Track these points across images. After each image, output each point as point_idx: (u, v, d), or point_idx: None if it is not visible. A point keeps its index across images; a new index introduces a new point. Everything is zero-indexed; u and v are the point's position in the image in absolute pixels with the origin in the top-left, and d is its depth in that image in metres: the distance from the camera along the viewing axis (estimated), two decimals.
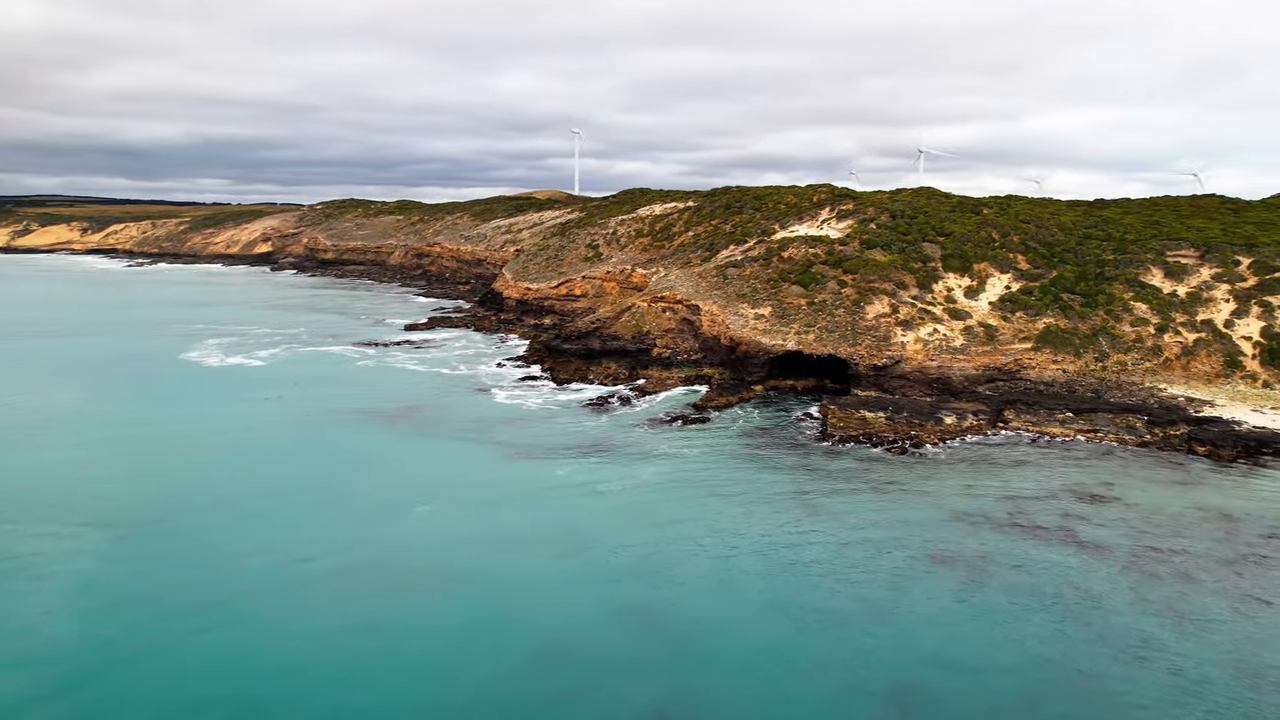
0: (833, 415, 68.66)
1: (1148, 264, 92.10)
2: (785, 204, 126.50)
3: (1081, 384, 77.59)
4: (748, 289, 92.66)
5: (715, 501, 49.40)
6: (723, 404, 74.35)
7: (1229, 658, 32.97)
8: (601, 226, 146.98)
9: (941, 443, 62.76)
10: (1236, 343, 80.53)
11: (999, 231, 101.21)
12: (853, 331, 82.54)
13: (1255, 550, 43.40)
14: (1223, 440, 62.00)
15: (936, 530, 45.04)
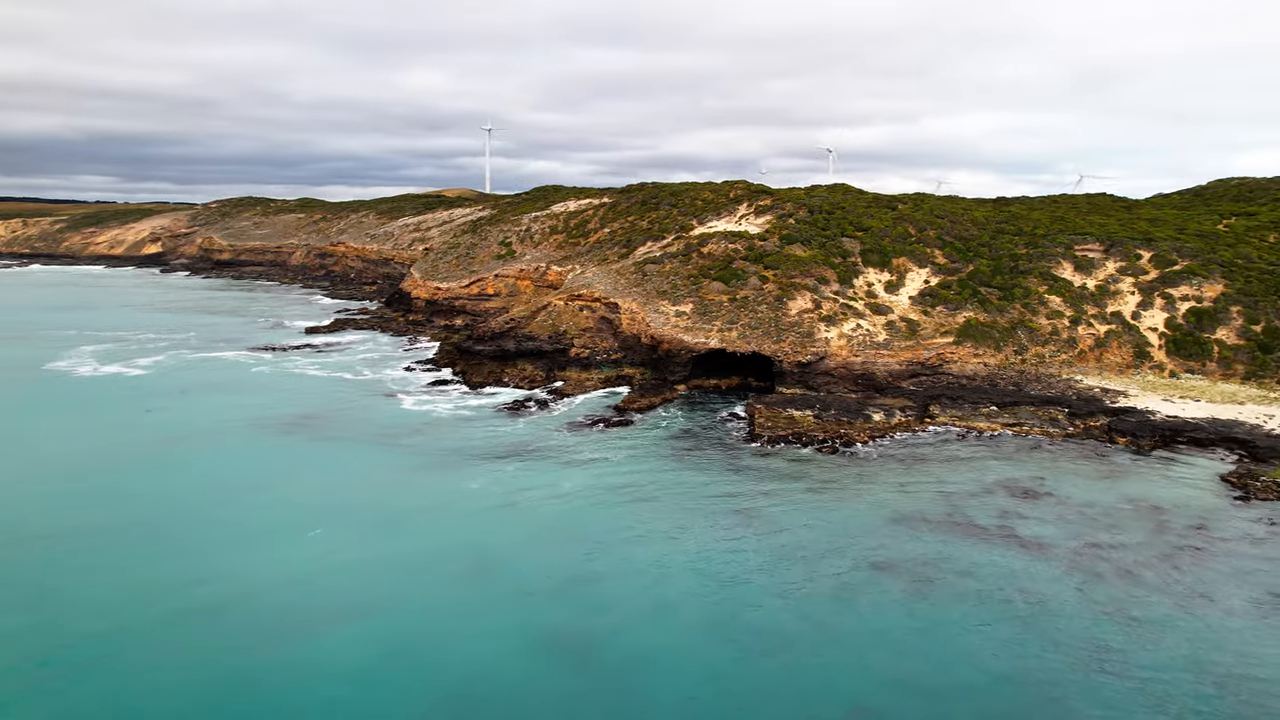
0: (760, 415, 66.28)
1: (1058, 258, 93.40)
2: (702, 200, 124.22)
3: (1003, 377, 77.57)
4: (668, 286, 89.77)
5: (643, 512, 45.99)
6: (645, 405, 71.13)
7: (1185, 661, 31.49)
8: (514, 223, 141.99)
9: (871, 440, 61.04)
10: (1144, 334, 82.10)
11: (915, 227, 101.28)
12: (776, 328, 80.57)
13: (1188, 542, 42.68)
14: (1141, 431, 62.29)
15: (876, 535, 42.77)
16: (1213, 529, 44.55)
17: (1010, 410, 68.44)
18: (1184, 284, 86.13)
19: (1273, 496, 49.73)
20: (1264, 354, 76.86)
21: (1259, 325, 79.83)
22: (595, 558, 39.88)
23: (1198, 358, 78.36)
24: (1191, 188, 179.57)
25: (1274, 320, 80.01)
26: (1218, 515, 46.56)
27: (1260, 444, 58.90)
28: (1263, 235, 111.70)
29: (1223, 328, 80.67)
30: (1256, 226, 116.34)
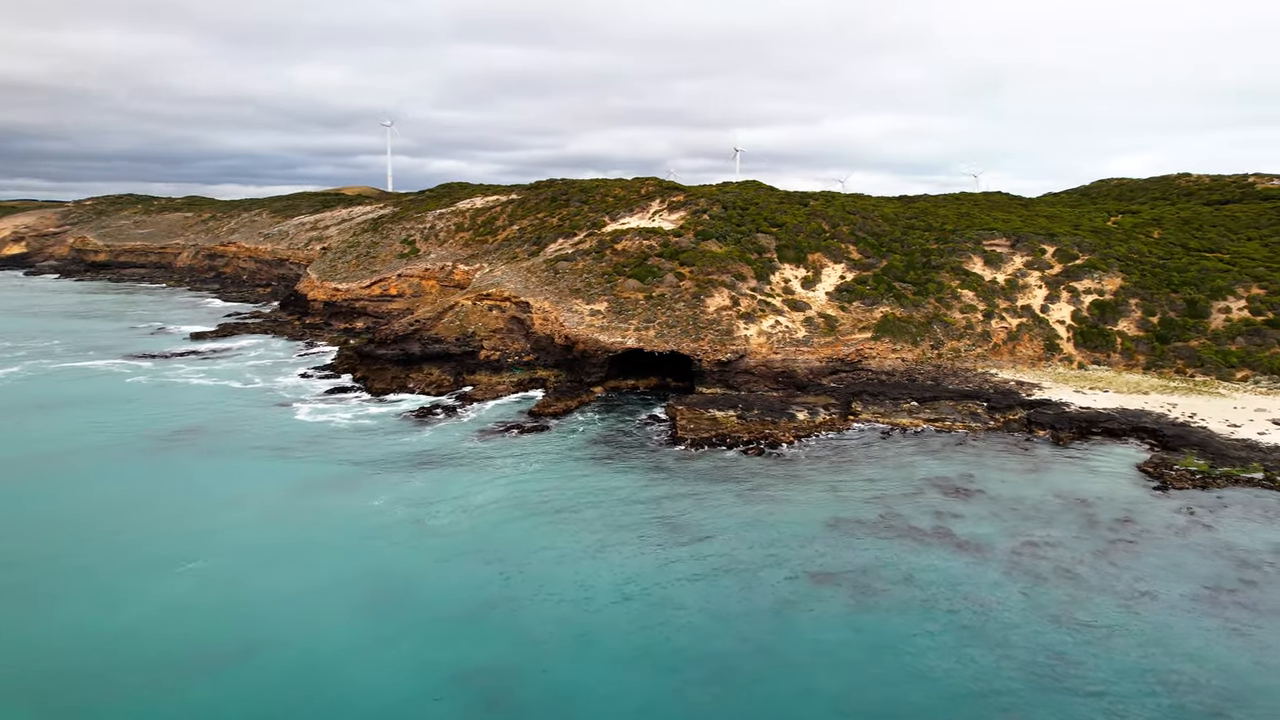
0: (681, 416, 63.65)
1: (968, 252, 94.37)
2: (613, 197, 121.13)
3: (921, 372, 77.33)
4: (581, 284, 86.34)
5: (564, 527, 42.50)
6: (561, 409, 67.51)
7: (1139, 668, 30.18)
8: (418, 221, 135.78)
9: (797, 440, 59.16)
10: (1053, 326, 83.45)
11: (828, 223, 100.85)
12: (694, 326, 78.22)
13: (1118, 536, 42.06)
14: (1059, 423, 62.53)
15: (813, 543, 40.52)
16: (1139, 521, 44.17)
17: (931, 405, 67.90)
18: (1086, 277, 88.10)
19: (1188, 485, 50.05)
20: (1161, 344, 79.03)
21: (1155, 317, 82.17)
22: (511, 580, 36.18)
23: (1103, 349, 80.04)
24: (1077, 187, 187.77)
25: (1168, 312, 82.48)
26: (1141, 507, 46.34)
27: (1167, 433, 59.76)
28: (1148, 231, 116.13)
29: (1124, 320, 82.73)
30: (1141, 223, 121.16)
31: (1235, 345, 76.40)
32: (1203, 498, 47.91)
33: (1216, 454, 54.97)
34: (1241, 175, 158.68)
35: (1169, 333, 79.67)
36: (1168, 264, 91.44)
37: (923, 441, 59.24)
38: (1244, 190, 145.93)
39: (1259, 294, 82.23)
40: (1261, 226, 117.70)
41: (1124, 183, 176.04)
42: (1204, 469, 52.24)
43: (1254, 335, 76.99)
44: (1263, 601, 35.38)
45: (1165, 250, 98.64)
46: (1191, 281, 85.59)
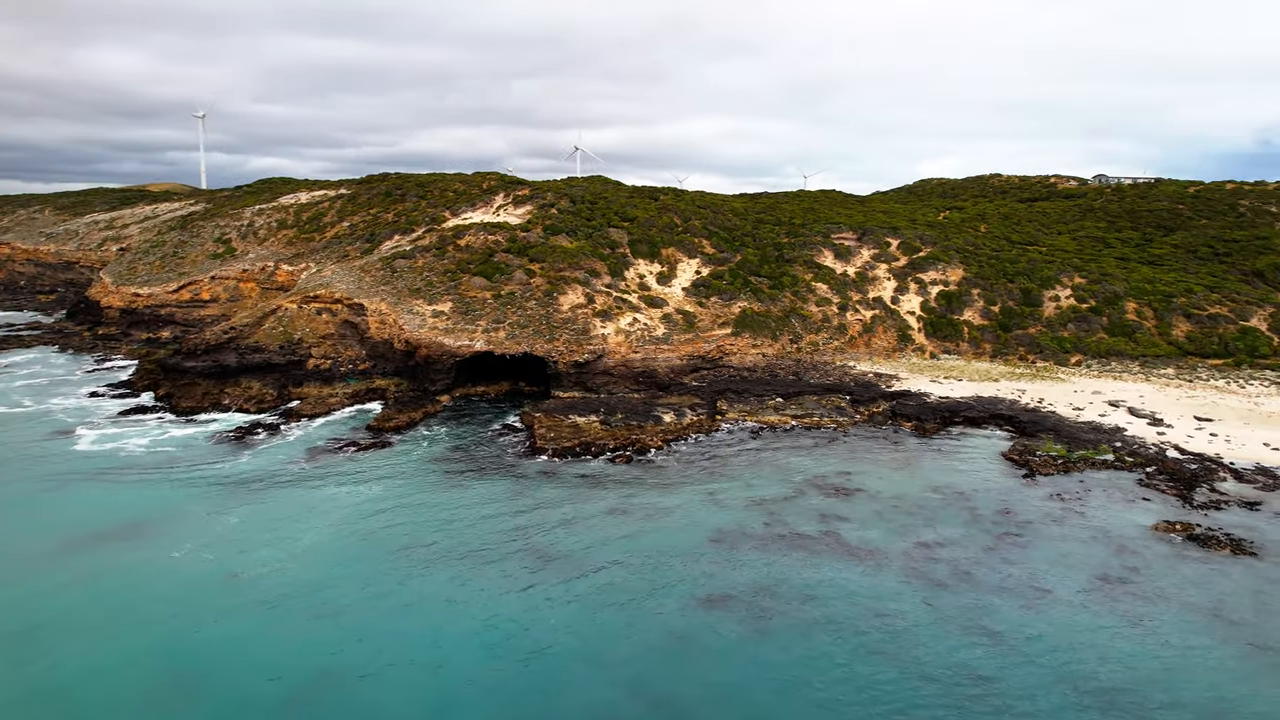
0: (539, 424, 58.33)
1: (818, 246, 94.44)
2: (454, 191, 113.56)
3: (782, 367, 75.80)
4: (422, 283, 78.98)
5: (411, 566, 36.25)
6: (404, 422, 60.37)
7: (1056, 675, 28.07)
8: (235, 218, 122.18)
9: (666, 445, 55.28)
10: (904, 318, 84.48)
11: (680, 217, 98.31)
12: (548, 325, 72.98)
13: (1003, 530, 40.83)
14: (923, 413, 62.16)
15: (698, 561, 36.48)
16: (1017, 511, 43.29)
17: (796, 401, 66.09)
18: (931, 269, 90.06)
19: (1052, 471, 50.20)
20: (1004, 332, 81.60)
21: (996, 306, 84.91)
22: (347, 643, 29.74)
23: (952, 339, 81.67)
24: (903, 186, 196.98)
25: (1007, 301, 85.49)
26: (1015, 497, 45.66)
27: (1022, 418, 60.64)
28: (975, 226, 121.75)
29: (968, 309, 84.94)
30: (968, 218, 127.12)
31: (1067, 331, 79.92)
32: (1067, 483, 47.97)
33: (1069, 438, 55.91)
34: (1044, 176, 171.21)
35: (1010, 321, 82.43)
36: (1000, 255, 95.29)
37: (794, 439, 56.92)
38: (1048, 189, 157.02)
39: (1081, 283, 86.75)
40: (1068, 221, 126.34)
41: (944, 182, 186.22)
42: (1063, 453, 52.76)
43: (1081, 322, 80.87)
44: (1147, 588, 34.62)
45: (996, 243, 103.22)
46: (1024, 272, 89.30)
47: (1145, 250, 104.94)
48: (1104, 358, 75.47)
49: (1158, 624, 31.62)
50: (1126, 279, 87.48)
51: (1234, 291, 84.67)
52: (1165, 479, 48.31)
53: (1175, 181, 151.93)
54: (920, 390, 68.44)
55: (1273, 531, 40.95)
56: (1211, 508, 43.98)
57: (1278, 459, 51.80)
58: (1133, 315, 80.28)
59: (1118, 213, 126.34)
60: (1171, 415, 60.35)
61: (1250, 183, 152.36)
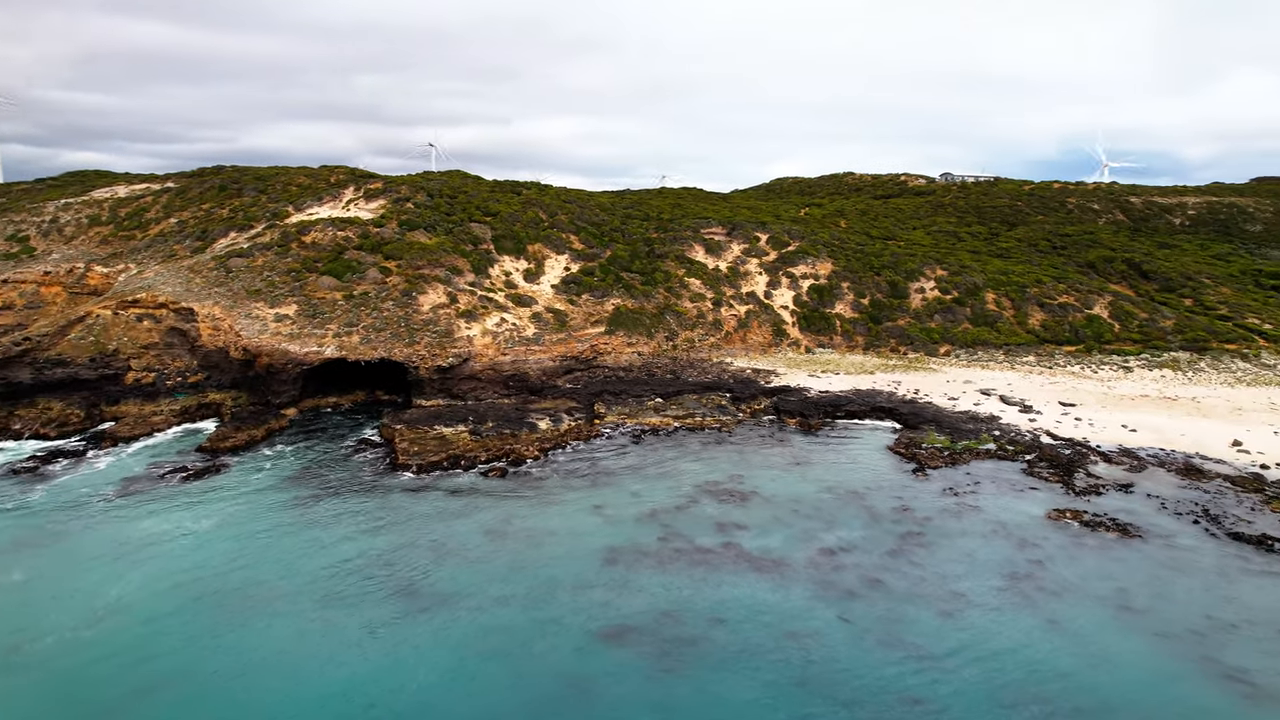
0: (401, 438, 52.58)
1: (689, 240, 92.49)
2: (297, 185, 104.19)
3: (659, 365, 72.93)
4: (262, 284, 70.81)
5: (250, 615, 30.32)
6: (243, 441, 52.96)
7: (986, 689, 26.05)
8: (34, 213, 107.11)
9: (544, 454, 50.90)
10: (778, 312, 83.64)
11: (546, 211, 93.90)
12: (408, 328, 66.91)
13: (905, 530, 39.21)
14: (806, 409, 60.74)
15: (590, 588, 32.47)
16: (915, 508, 41.90)
17: (676, 401, 63.25)
18: (801, 263, 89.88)
19: (940, 464, 49.54)
20: (875, 325, 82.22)
21: (866, 299, 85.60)
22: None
23: (825, 332, 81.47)
24: (761, 184, 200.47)
25: (876, 294, 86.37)
26: (910, 493, 44.39)
27: (902, 410, 60.35)
28: (835, 222, 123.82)
29: (839, 303, 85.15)
30: (828, 214, 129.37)
31: (935, 322, 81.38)
32: (957, 476, 47.29)
33: (950, 428, 55.82)
34: (895, 174, 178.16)
35: (880, 313, 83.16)
36: (865, 250, 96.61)
37: (679, 442, 53.92)
38: (900, 187, 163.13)
39: (943, 275, 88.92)
40: (921, 217, 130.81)
41: (800, 181, 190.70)
42: (947, 444, 52.38)
43: (947, 313, 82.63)
44: (1054, 583, 33.61)
45: (859, 238, 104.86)
46: (889, 265, 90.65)
47: (993, 244, 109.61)
48: (970, 347, 77.20)
49: (1072, 622, 30.40)
50: (983, 270, 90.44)
51: (1077, 282, 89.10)
52: (1046, 466, 48.55)
53: (1012, 181, 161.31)
54: (800, 385, 67.26)
55: (1148, 513, 41.38)
56: (1092, 493, 44.22)
57: (1136, 440, 53.42)
58: (993, 306, 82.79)
59: (965, 208, 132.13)
60: (1039, 401, 61.68)
61: (1073, 183, 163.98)
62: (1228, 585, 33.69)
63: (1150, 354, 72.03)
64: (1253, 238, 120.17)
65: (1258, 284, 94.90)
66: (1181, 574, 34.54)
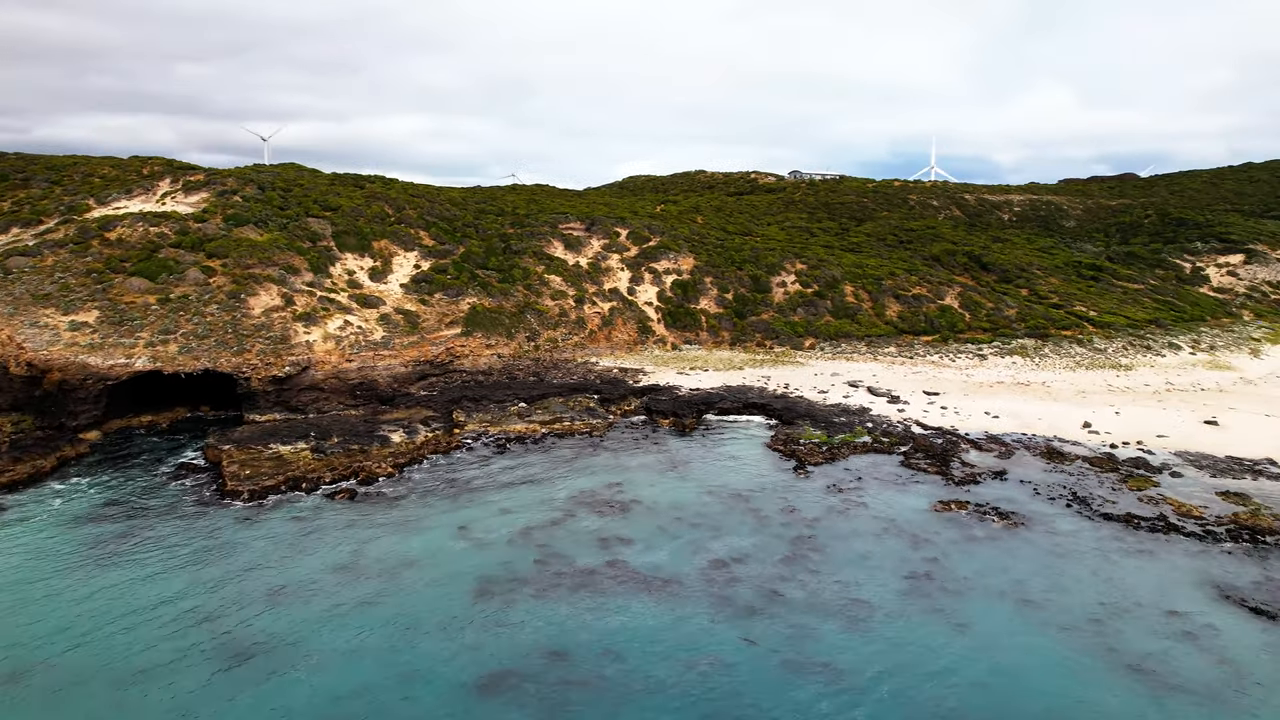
0: (229, 460, 45.76)
1: (547, 236, 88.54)
2: (100, 176, 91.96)
3: (520, 367, 68.63)
4: (54, 287, 60.96)
5: (21, 707, 23.97)
6: (26, 475, 44.27)
7: (903, 711, 23.89)
8: None
9: (399, 471, 45.63)
10: (642, 309, 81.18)
11: (392, 206, 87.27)
12: (236, 334, 59.35)
13: (795, 534, 37.23)
14: (678, 409, 58.33)
15: (463, 628, 28.14)
16: (802, 509, 40.08)
17: (540, 405, 59.26)
18: (663, 258, 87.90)
19: (820, 459, 48.26)
20: (740, 320, 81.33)
21: (730, 294, 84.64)
22: None
23: (691, 329, 79.74)
24: (614, 182, 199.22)
25: (740, 289, 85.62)
26: (794, 492, 42.63)
27: (775, 405, 59.16)
28: (692, 218, 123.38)
29: (704, 298, 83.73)
30: (684, 210, 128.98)
31: (798, 316, 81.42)
32: (838, 472, 46.08)
33: (824, 422, 54.96)
34: (746, 172, 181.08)
35: (744, 308, 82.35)
36: (725, 244, 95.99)
37: (548, 450, 50.02)
38: (751, 184, 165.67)
39: (803, 269, 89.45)
40: (774, 213, 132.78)
41: (653, 179, 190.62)
42: (824, 439, 51.30)
43: (809, 306, 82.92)
44: (953, 580, 32.44)
45: (718, 233, 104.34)
46: (750, 259, 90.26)
47: (845, 239, 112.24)
48: (834, 339, 77.60)
49: (978, 623, 29.08)
50: (839, 263, 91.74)
51: (927, 274, 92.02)
52: (923, 457, 48.25)
53: (856, 179, 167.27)
54: (670, 383, 64.94)
55: (1024, 499, 41.52)
56: (970, 482, 44.06)
57: (999, 426, 54.47)
58: (852, 298, 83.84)
59: (815, 205, 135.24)
60: (905, 391, 62.16)
61: (911, 180, 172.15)
62: (1110, 568, 33.65)
63: (1001, 342, 74.81)
64: (1069, 232, 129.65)
65: (1079, 274, 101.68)
66: (1067, 560, 34.26)
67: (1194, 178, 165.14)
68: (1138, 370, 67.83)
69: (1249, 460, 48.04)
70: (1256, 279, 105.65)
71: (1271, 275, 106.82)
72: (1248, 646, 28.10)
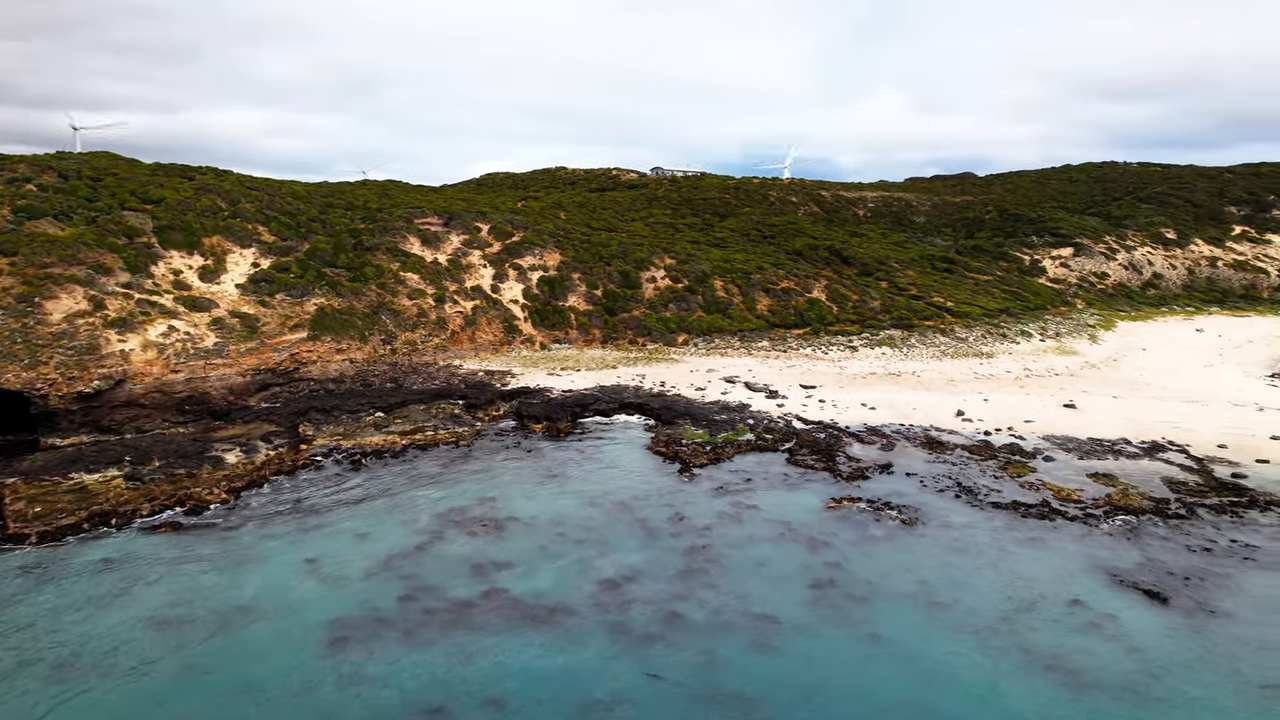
0: (13, 495, 38.27)
1: (402, 231, 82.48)
2: None
3: (376, 373, 62.87)
4: None
5: None
6: None
7: None
8: None
9: (235, 496, 39.58)
10: (508, 307, 76.81)
11: (225, 199, 78.71)
12: (27, 344, 50.75)
13: (688, 545, 34.53)
14: (551, 412, 54.64)
15: (315, 688, 23.45)
16: (691, 517, 37.45)
17: (400, 414, 54.11)
18: (528, 254, 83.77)
19: (704, 461, 45.91)
20: (611, 317, 78.44)
21: (599, 290, 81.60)
22: None
23: (560, 327, 76.09)
24: (471, 179, 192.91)
25: (609, 285, 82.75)
26: (681, 498, 39.99)
27: (653, 405, 56.62)
28: (555, 214, 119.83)
29: (572, 295, 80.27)
30: (545, 207, 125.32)
31: (670, 312, 79.38)
32: (724, 474, 43.85)
33: (705, 421, 52.83)
34: (607, 169, 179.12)
35: (614, 305, 79.49)
36: (592, 240, 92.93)
37: (409, 463, 45.16)
38: (613, 181, 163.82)
39: (672, 264, 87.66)
40: (638, 209, 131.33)
41: (512, 175, 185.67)
42: (706, 439, 49.06)
43: (680, 301, 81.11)
44: (858, 585, 30.63)
45: (582, 229, 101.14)
46: (618, 254, 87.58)
47: (709, 234, 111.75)
48: (707, 335, 76.03)
49: (891, 632, 27.22)
50: (708, 258, 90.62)
51: (794, 268, 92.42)
52: (808, 453, 46.80)
53: (718, 175, 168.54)
54: (541, 385, 61.14)
55: (914, 492, 40.71)
56: (859, 477, 42.88)
57: (877, 418, 54.15)
58: (722, 293, 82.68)
59: (678, 201, 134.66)
60: (782, 386, 61.09)
61: (770, 178, 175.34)
62: (1009, 560, 32.88)
63: (869, 333, 75.54)
64: (919, 228, 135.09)
65: (933, 267, 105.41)
66: (967, 555, 33.24)
67: (1024, 177, 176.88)
68: (998, 358, 69.99)
69: (1108, 441, 49.55)
70: (1085, 270, 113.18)
71: (1096, 266, 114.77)
72: (1149, 633, 27.66)
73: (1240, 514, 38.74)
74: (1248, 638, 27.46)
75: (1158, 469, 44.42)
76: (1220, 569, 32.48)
